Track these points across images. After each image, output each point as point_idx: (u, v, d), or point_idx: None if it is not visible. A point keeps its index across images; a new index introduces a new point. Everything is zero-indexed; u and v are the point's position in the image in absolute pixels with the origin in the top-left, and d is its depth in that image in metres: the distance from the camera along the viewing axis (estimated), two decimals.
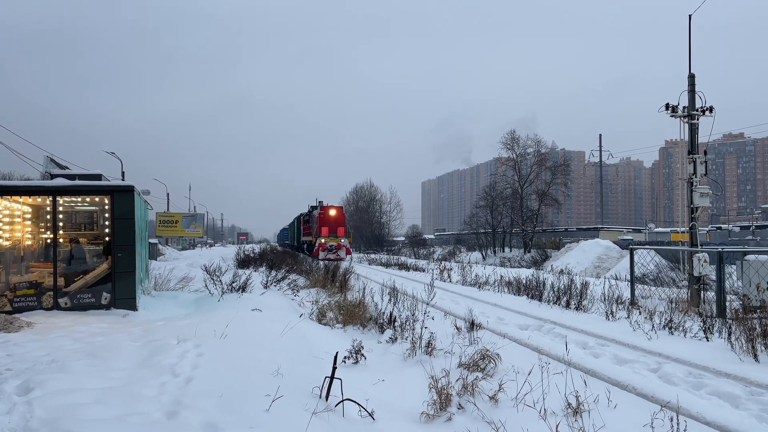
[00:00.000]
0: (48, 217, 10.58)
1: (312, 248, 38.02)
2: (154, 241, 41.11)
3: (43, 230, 10.88)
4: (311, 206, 44.12)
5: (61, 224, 10.50)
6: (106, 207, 10.64)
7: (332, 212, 37.52)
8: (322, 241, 35.77)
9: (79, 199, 11.07)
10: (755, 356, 7.05)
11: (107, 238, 10.63)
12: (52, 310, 10.01)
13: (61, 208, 10.54)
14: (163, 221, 50.07)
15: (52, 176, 11.71)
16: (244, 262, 25.21)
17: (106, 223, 10.70)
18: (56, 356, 6.27)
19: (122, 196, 10.47)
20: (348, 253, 36.93)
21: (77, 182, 10.90)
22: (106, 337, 7.65)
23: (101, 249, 10.84)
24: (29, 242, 11.04)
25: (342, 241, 36.60)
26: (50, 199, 10.36)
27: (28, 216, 11.09)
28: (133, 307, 10.32)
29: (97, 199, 10.94)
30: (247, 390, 5.00)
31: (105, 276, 10.46)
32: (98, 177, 11.99)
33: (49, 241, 10.48)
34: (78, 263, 10.63)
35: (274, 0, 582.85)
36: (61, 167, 14.27)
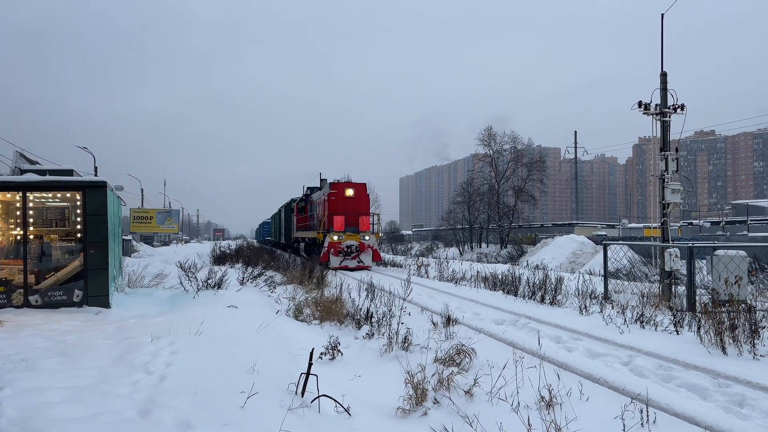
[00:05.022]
0: (18, 213, 10.36)
1: (313, 249, 26.91)
2: (128, 237, 40.52)
3: (12, 227, 10.65)
4: (309, 188, 33.23)
5: (31, 220, 10.29)
6: (78, 203, 10.46)
7: (349, 192, 24.83)
8: (335, 238, 23.58)
9: (50, 195, 10.86)
10: (723, 349, 7.21)
11: (79, 235, 10.45)
12: (22, 308, 9.81)
13: (31, 204, 10.33)
14: (138, 217, 49.35)
15: (22, 171, 11.48)
16: (220, 258, 25.02)
17: (78, 219, 10.51)
18: (27, 355, 6.16)
19: (94, 192, 10.29)
20: (376, 257, 24.80)
21: (48, 178, 10.69)
22: (78, 335, 7.53)
23: (73, 245, 10.66)
24: None
25: (366, 238, 24.20)
26: (20, 195, 10.14)
27: None
28: (105, 304, 10.16)
29: (68, 195, 10.73)
30: (222, 387, 4.98)
31: (77, 273, 10.29)
32: (70, 172, 11.77)
33: (19, 237, 10.27)
34: (49, 260, 10.43)
35: (255, 2, 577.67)
36: (31, 162, 13.99)
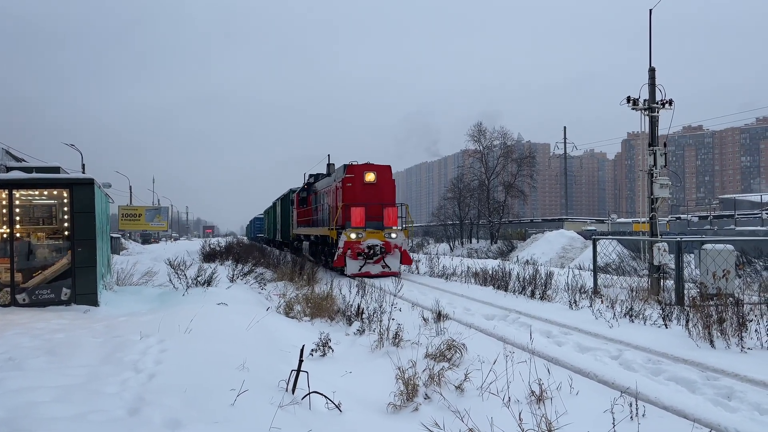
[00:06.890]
0: (4, 211, 10.25)
1: (322, 249, 21.78)
2: (116, 235, 40.19)
3: None
4: (312, 175, 27.23)
5: (18, 218, 10.19)
6: (65, 201, 10.36)
7: (370, 177, 19.16)
8: (352, 237, 18.13)
9: (37, 193, 10.76)
10: (711, 342, 7.27)
11: (67, 233, 10.36)
12: (9, 307, 9.72)
13: (17, 202, 10.22)
14: (126, 215, 49.02)
15: (8, 169, 11.34)
16: (209, 255, 24.91)
17: (66, 217, 10.42)
18: (14, 354, 6.09)
19: (81, 189, 10.21)
20: (406, 261, 19.10)
21: (34, 175, 10.58)
22: (66, 333, 7.46)
23: (60, 243, 10.56)
24: None
25: (393, 236, 18.68)
26: (6, 192, 10.04)
27: None
28: (94, 302, 10.09)
29: (55, 192, 10.63)
30: (212, 385, 4.95)
31: (65, 271, 10.20)
32: (56, 170, 11.65)
33: (5, 235, 10.17)
34: (35, 258, 10.33)
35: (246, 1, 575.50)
36: (17, 159, 13.85)
